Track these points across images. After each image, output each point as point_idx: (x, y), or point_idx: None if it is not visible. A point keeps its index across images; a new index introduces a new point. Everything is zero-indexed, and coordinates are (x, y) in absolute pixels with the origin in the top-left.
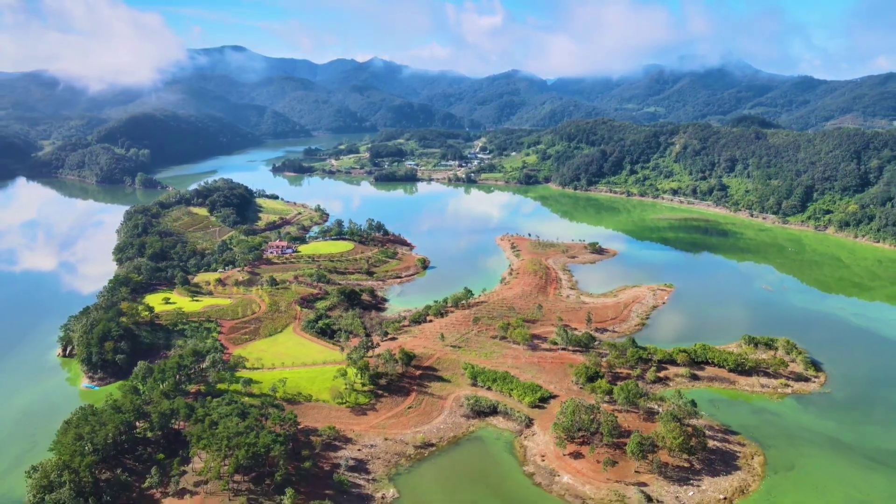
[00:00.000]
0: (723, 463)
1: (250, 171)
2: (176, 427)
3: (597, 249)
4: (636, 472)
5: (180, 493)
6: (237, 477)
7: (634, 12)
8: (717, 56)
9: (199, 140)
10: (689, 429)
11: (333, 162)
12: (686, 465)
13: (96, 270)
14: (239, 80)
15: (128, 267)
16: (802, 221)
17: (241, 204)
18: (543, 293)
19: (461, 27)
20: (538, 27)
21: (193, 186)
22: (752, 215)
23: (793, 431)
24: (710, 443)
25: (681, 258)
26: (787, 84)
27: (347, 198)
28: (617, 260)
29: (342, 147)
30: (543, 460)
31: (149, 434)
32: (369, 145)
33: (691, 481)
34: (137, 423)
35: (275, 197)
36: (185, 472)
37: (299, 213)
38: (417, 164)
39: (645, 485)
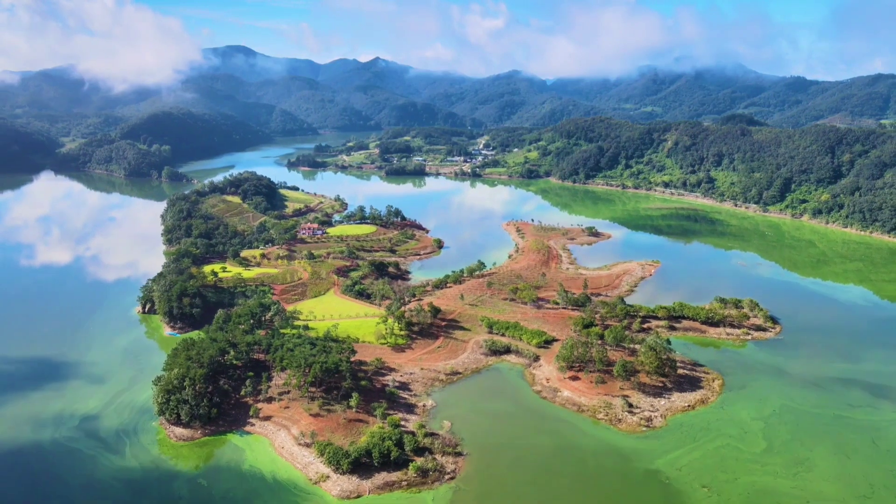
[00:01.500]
0: (689, 384)
1: (265, 167)
2: (256, 357)
3: (593, 233)
4: (620, 388)
5: (269, 400)
6: (312, 389)
7: (631, 16)
8: (711, 58)
9: (214, 137)
10: (664, 357)
11: (345, 157)
12: (660, 384)
13: (146, 248)
14: (244, 79)
15: (184, 244)
16: (781, 210)
17: (268, 193)
18: (546, 266)
19: (465, 29)
20: (539, 29)
21: (219, 178)
22: (736, 205)
23: (749, 365)
24: (681, 371)
25: (669, 242)
26: (779, 85)
27: (361, 190)
28: (611, 242)
29: (351, 144)
30: (548, 382)
31: (236, 362)
32: (378, 142)
33: (663, 395)
34: (227, 354)
35: (295, 188)
36: (269, 387)
37: (321, 202)
38: (425, 160)
39: (627, 397)
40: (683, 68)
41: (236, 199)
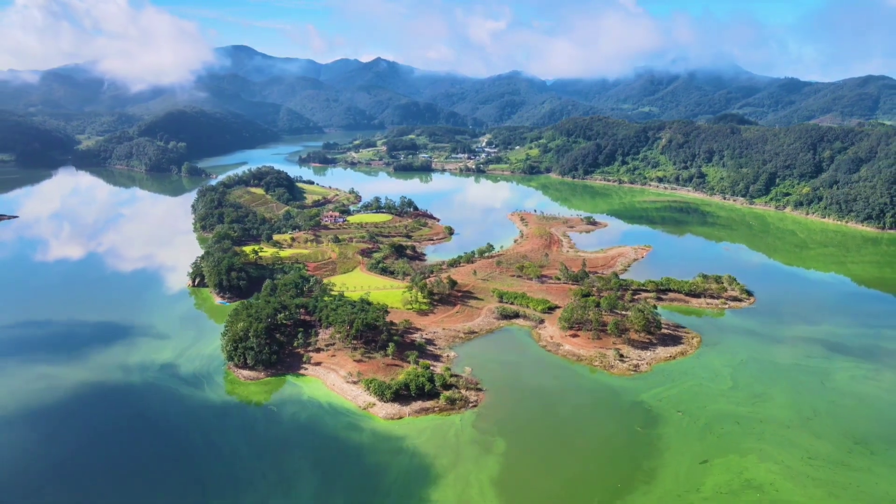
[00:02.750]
0: (672, 341)
1: (276, 163)
2: (302, 318)
3: (591, 222)
4: (613, 343)
5: (317, 350)
6: (354, 341)
7: (629, 20)
8: (707, 60)
9: (225, 135)
10: (650, 317)
11: (354, 154)
12: (647, 340)
13: (179, 233)
14: (249, 78)
15: (222, 228)
16: (766, 202)
17: (288, 186)
18: (548, 249)
19: (468, 30)
20: (541, 30)
21: (239, 171)
22: (724, 198)
23: (724, 327)
24: (665, 331)
25: (661, 231)
26: (773, 85)
27: (371, 185)
28: (607, 230)
29: (358, 142)
30: (552, 339)
31: (286, 322)
32: (385, 140)
33: (649, 349)
34: (279, 314)
35: (310, 182)
36: (317, 340)
37: (336, 195)
38: (431, 157)
39: (619, 350)
40: (680, 70)
41: (260, 191)
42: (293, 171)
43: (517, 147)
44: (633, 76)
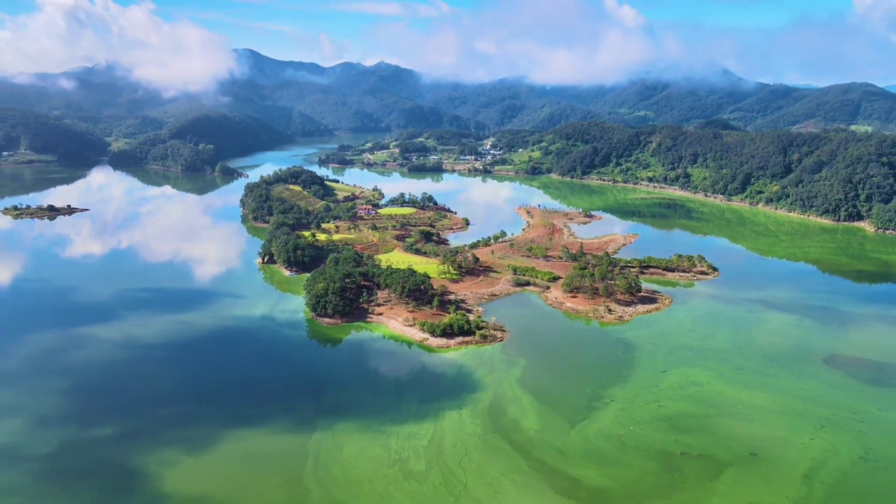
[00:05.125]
0: (649, 301)
1: (296, 164)
2: (362, 284)
3: (588, 215)
4: (604, 301)
5: (377, 305)
6: (405, 299)
7: (624, 36)
8: (699, 67)
9: (246, 137)
10: (632, 282)
11: (369, 156)
12: (630, 300)
13: (231, 221)
14: (258, 82)
15: (278, 218)
16: (742, 199)
17: (321, 184)
18: (551, 236)
19: (473, 41)
20: (542, 39)
21: (265, 172)
22: (706, 195)
23: (692, 293)
24: (644, 294)
25: (649, 223)
26: (763, 91)
27: (388, 184)
28: (602, 222)
29: (370, 145)
30: (556, 299)
31: (350, 286)
32: (396, 142)
33: (631, 306)
34: (346, 279)
35: (336, 181)
36: (376, 299)
37: (362, 192)
38: (441, 158)
39: (608, 306)
40: (673, 76)
41: (297, 188)
42: (315, 171)
43: (520, 149)
44: (628, 83)
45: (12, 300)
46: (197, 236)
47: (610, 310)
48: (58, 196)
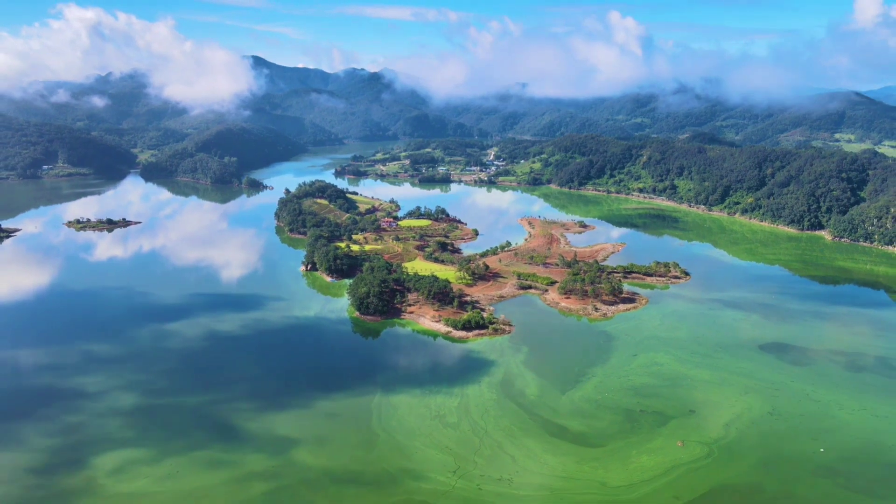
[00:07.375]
0: (629, 301)
1: (313, 175)
2: (394, 288)
3: (582, 225)
4: (592, 302)
5: (409, 305)
6: (431, 300)
7: (620, 55)
8: (693, 79)
9: (264, 149)
10: (615, 286)
11: (382, 167)
12: (613, 300)
13: (267, 233)
14: (268, 91)
15: (314, 231)
16: (721, 209)
17: (344, 197)
18: (550, 246)
19: (476, 46)
20: (541, 50)
21: (292, 185)
22: (690, 206)
23: (665, 295)
24: (625, 295)
25: (637, 231)
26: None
27: (402, 195)
28: (595, 232)
29: (381, 155)
30: (553, 300)
31: (385, 289)
32: (406, 153)
33: (614, 305)
34: (382, 284)
35: (355, 193)
36: (407, 300)
37: (381, 204)
38: (448, 170)
39: (595, 305)
40: (668, 87)
41: (324, 202)
42: (333, 181)
43: (522, 161)
44: (622, 94)
45: (108, 303)
46: (243, 246)
47: (596, 308)
48: (103, 205)
